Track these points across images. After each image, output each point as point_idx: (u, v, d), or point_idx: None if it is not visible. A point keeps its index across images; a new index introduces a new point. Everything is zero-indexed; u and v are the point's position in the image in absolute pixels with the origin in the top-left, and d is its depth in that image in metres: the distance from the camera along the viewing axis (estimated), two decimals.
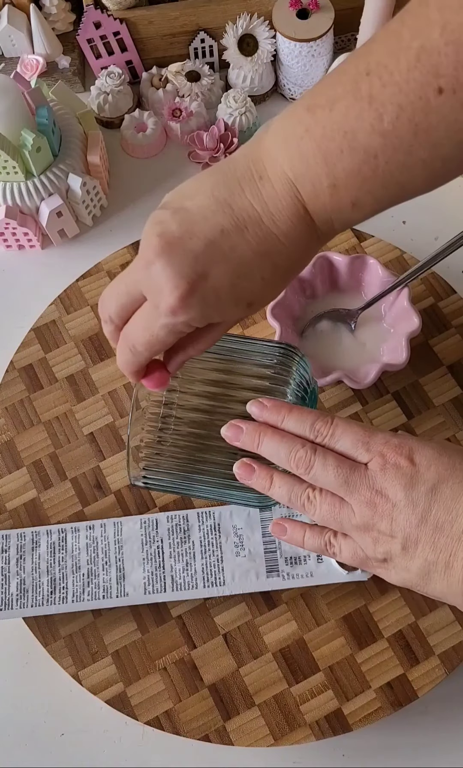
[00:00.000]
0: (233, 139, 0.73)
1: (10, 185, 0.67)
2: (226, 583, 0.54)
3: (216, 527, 0.57)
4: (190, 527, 0.57)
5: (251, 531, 0.56)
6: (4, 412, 0.65)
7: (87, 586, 0.55)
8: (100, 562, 0.56)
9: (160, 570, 0.55)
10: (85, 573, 0.56)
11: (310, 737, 0.55)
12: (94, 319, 0.68)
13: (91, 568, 0.56)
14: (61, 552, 0.57)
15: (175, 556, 0.56)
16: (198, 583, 0.55)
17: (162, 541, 0.57)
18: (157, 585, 0.55)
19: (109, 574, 0.56)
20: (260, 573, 0.54)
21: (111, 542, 0.57)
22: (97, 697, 0.56)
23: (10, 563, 0.57)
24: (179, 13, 0.73)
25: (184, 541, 0.56)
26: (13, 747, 0.57)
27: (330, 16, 0.71)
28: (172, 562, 0.56)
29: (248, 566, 0.55)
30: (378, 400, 0.64)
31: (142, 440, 0.52)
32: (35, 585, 0.56)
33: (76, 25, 0.78)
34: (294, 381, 0.52)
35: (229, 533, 0.56)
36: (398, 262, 0.69)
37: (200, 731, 0.55)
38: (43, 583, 0.56)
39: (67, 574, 0.56)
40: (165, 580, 0.55)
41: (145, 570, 0.56)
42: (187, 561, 0.55)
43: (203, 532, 0.57)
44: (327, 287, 0.66)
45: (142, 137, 0.74)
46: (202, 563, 0.55)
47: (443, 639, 0.56)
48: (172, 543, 0.57)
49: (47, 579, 0.56)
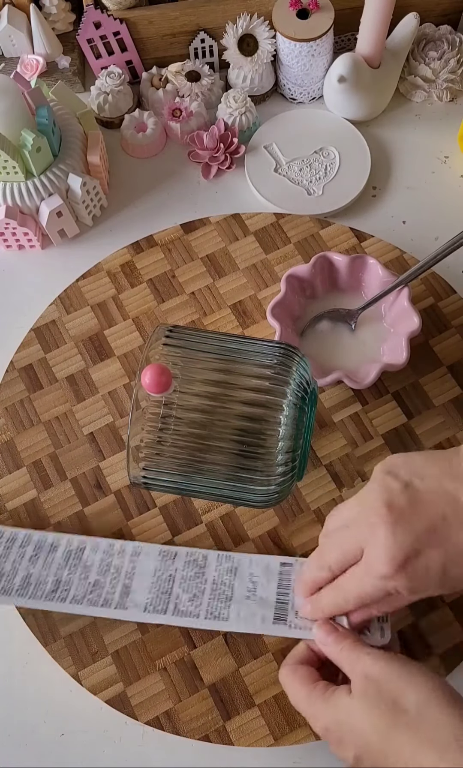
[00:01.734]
0: (232, 139, 0.73)
1: (10, 185, 0.67)
2: (229, 619, 0.52)
3: (233, 570, 0.55)
4: (208, 565, 0.56)
5: (266, 580, 0.54)
6: (4, 412, 0.65)
7: (89, 594, 0.54)
8: (109, 575, 0.55)
9: (165, 595, 0.54)
10: (92, 582, 0.55)
11: (310, 737, 0.55)
12: (95, 319, 0.68)
13: (98, 579, 0.55)
14: (76, 560, 0.57)
15: (185, 586, 0.54)
16: (200, 614, 0.52)
17: (176, 571, 0.55)
18: (158, 607, 0.53)
19: (115, 588, 0.54)
20: (267, 618, 0.51)
21: (126, 561, 0.56)
22: (97, 697, 0.56)
23: (24, 558, 0.57)
24: (179, 13, 0.73)
25: (198, 575, 0.55)
26: (13, 747, 0.57)
27: (330, 16, 0.71)
28: (180, 591, 0.54)
29: (255, 609, 0.52)
30: (378, 400, 0.64)
31: (142, 440, 0.52)
32: (39, 581, 0.55)
33: (76, 25, 0.78)
34: (294, 381, 0.52)
35: (244, 578, 0.54)
36: (398, 262, 0.69)
37: (200, 731, 0.55)
38: (47, 582, 0.55)
39: (73, 578, 0.55)
40: (168, 605, 0.53)
41: (151, 591, 0.54)
42: (195, 593, 0.54)
43: (219, 572, 0.55)
44: (327, 287, 0.66)
45: (142, 137, 0.74)
46: (210, 597, 0.53)
47: (443, 639, 0.56)
48: (185, 575, 0.55)
49: (53, 579, 0.55)
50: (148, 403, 0.52)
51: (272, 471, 0.51)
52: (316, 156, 0.74)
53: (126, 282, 0.70)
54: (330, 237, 0.70)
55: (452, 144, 0.75)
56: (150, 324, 0.68)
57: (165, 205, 0.74)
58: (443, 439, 0.63)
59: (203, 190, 0.75)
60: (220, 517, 0.61)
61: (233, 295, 0.69)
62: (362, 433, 0.63)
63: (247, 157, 0.75)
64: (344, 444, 0.63)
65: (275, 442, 0.51)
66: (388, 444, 0.63)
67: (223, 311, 0.68)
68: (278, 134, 0.75)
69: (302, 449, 0.52)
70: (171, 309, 0.68)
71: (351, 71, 0.70)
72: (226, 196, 0.74)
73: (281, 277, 0.64)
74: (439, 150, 0.75)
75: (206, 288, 0.69)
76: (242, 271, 0.69)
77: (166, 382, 0.49)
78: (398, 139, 0.76)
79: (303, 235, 0.70)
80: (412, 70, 0.77)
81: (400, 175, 0.75)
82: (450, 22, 0.78)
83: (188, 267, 0.70)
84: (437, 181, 0.74)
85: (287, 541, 0.60)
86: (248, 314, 0.68)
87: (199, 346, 0.53)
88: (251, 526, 0.61)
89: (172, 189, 0.75)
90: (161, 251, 0.71)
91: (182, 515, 0.61)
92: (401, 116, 0.77)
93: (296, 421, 0.51)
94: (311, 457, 0.62)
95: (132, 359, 0.67)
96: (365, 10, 0.68)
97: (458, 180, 0.74)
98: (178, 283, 0.69)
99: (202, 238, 0.71)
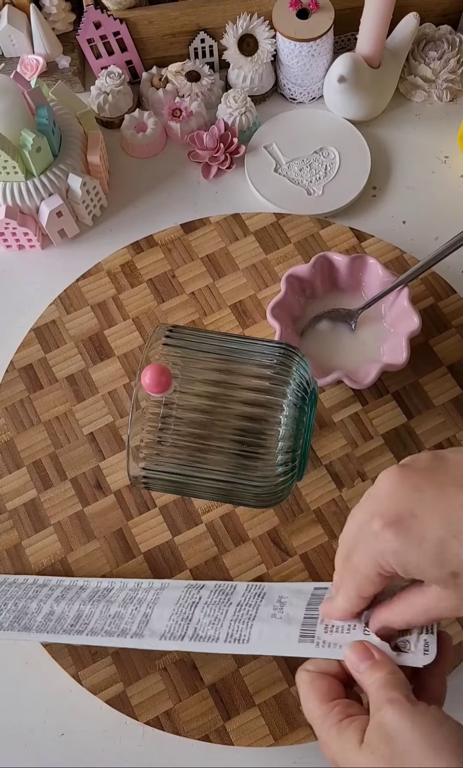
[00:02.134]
0: (232, 139, 0.73)
1: (10, 185, 0.67)
2: (250, 641, 0.46)
3: (261, 594, 0.51)
4: (235, 593, 0.52)
5: (296, 599, 0.48)
6: (4, 412, 0.65)
7: (108, 625, 0.52)
8: (130, 607, 0.53)
9: (185, 621, 0.50)
10: (112, 614, 0.53)
11: (310, 737, 0.55)
12: (95, 319, 0.68)
13: (119, 611, 0.53)
14: (101, 597, 0.55)
15: (207, 611, 0.50)
16: (220, 637, 0.47)
17: (200, 599, 0.52)
18: (176, 633, 0.49)
19: (135, 617, 0.52)
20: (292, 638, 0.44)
21: (150, 594, 0.55)
22: (97, 697, 0.56)
23: (50, 598, 0.56)
24: (179, 13, 0.73)
25: (222, 602, 0.51)
26: (13, 747, 0.57)
27: (330, 16, 0.71)
28: (201, 615, 0.50)
29: (279, 628, 0.46)
30: (378, 400, 0.64)
31: (142, 440, 0.52)
32: (61, 617, 0.54)
33: (76, 25, 0.78)
34: (294, 381, 0.52)
35: (272, 599, 0.49)
36: (398, 262, 0.69)
37: (200, 731, 0.55)
38: (68, 617, 0.54)
39: (95, 612, 0.53)
40: (186, 630, 0.49)
41: (171, 619, 0.51)
42: (217, 617, 0.49)
43: (246, 597, 0.51)
44: (327, 287, 0.66)
45: (142, 137, 0.74)
46: (233, 619, 0.48)
47: None
48: (209, 601, 0.52)
49: (74, 614, 0.54)
50: (148, 403, 0.52)
51: (272, 471, 0.51)
52: (316, 156, 0.74)
53: (126, 282, 0.70)
54: (330, 237, 0.70)
55: (452, 144, 0.75)
56: (150, 324, 0.68)
57: (165, 205, 0.74)
58: (443, 439, 0.63)
59: (203, 190, 0.75)
60: (220, 517, 0.61)
61: (232, 295, 0.69)
62: (362, 433, 0.63)
63: (247, 157, 0.75)
64: (344, 444, 0.63)
65: (275, 442, 0.51)
66: (388, 444, 0.63)
67: (223, 311, 0.68)
68: (278, 134, 0.75)
69: (302, 449, 0.52)
70: (171, 309, 0.68)
71: (351, 71, 0.70)
72: (226, 196, 0.74)
73: (281, 277, 0.64)
74: (439, 150, 0.75)
75: (206, 288, 0.69)
76: (242, 271, 0.69)
77: (166, 382, 0.49)
78: (398, 139, 0.76)
79: (303, 235, 0.70)
80: (412, 70, 0.77)
81: (400, 175, 0.75)
82: (450, 22, 0.78)
83: (188, 267, 0.70)
84: (437, 181, 0.74)
85: (287, 541, 0.60)
86: (248, 314, 0.68)
87: (199, 346, 0.53)
88: (250, 526, 0.61)
89: (172, 189, 0.75)
90: (161, 251, 0.71)
91: (182, 515, 0.61)
92: (401, 116, 0.77)
93: (296, 421, 0.51)
94: (311, 457, 0.62)
95: (132, 359, 0.67)
96: (365, 10, 0.68)
97: (458, 180, 0.74)
98: (178, 283, 0.69)
99: (202, 238, 0.71)
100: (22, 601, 0.55)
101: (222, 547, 0.60)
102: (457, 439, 0.63)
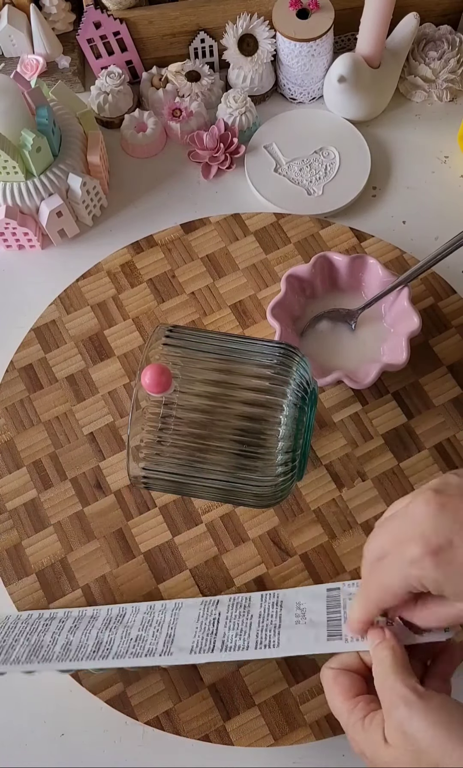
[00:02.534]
0: (232, 139, 0.73)
1: (10, 185, 0.67)
2: (280, 645, 0.47)
3: (279, 603, 0.51)
4: (252, 604, 0.52)
5: (314, 604, 0.49)
6: (4, 412, 0.65)
7: (132, 648, 0.51)
8: (151, 629, 0.53)
9: (210, 636, 0.50)
10: (134, 638, 0.52)
11: (310, 737, 0.55)
12: (95, 319, 0.68)
13: (140, 635, 0.52)
14: (116, 623, 0.55)
15: (231, 625, 0.51)
16: (250, 646, 0.48)
17: (219, 615, 0.52)
18: (205, 647, 0.49)
19: (158, 639, 0.52)
20: (320, 638, 0.46)
21: (167, 615, 0.54)
22: (97, 697, 0.56)
23: (63, 630, 0.55)
24: (179, 13, 0.73)
25: (242, 614, 0.51)
26: (13, 747, 0.57)
27: (330, 16, 0.71)
28: (226, 630, 0.50)
29: (306, 631, 0.47)
30: (378, 400, 0.64)
31: (142, 440, 0.52)
32: (80, 646, 0.53)
33: (76, 25, 0.78)
34: (294, 381, 0.52)
35: (291, 608, 0.50)
36: (398, 262, 0.69)
37: (200, 731, 0.55)
38: (88, 645, 0.53)
39: (114, 638, 0.53)
40: (214, 643, 0.50)
41: (196, 635, 0.51)
42: (242, 629, 0.50)
43: (264, 608, 0.51)
44: (327, 287, 0.66)
45: (142, 137, 0.74)
46: (259, 629, 0.49)
47: None
48: (229, 616, 0.52)
49: (94, 642, 0.53)
50: (148, 403, 0.52)
51: (272, 471, 0.51)
52: (316, 156, 0.74)
53: (126, 282, 0.70)
54: (330, 237, 0.70)
55: (452, 144, 0.75)
56: (150, 324, 0.68)
57: (165, 205, 0.74)
58: (443, 439, 0.63)
59: (203, 190, 0.75)
60: (220, 517, 0.61)
61: (232, 295, 0.69)
62: (362, 433, 0.63)
63: (247, 157, 0.75)
64: (344, 444, 0.63)
65: (275, 442, 0.51)
66: (388, 444, 0.63)
67: (223, 311, 0.68)
68: (278, 134, 0.75)
69: (302, 449, 0.52)
70: (171, 309, 0.68)
71: (351, 71, 0.70)
72: (226, 196, 0.74)
73: (281, 277, 0.64)
74: (439, 150, 0.75)
75: (206, 288, 0.69)
76: (242, 271, 0.69)
77: (166, 382, 0.49)
78: (398, 139, 0.76)
79: (303, 235, 0.70)
80: (412, 70, 0.77)
81: (400, 175, 0.75)
82: (450, 22, 0.78)
83: (188, 267, 0.70)
84: (437, 181, 0.74)
85: (287, 541, 0.60)
86: (248, 314, 0.68)
87: (200, 346, 0.53)
88: (251, 526, 0.61)
89: (172, 189, 0.75)
90: (161, 251, 0.71)
91: (182, 515, 0.61)
92: (401, 116, 0.77)
93: (296, 421, 0.51)
94: (311, 457, 0.62)
95: (132, 359, 0.67)
96: (365, 10, 0.68)
97: (458, 180, 0.74)
98: (178, 283, 0.69)
99: (202, 238, 0.71)
100: (33, 635, 0.55)
101: (222, 547, 0.60)
102: (457, 439, 0.63)
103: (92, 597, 0.59)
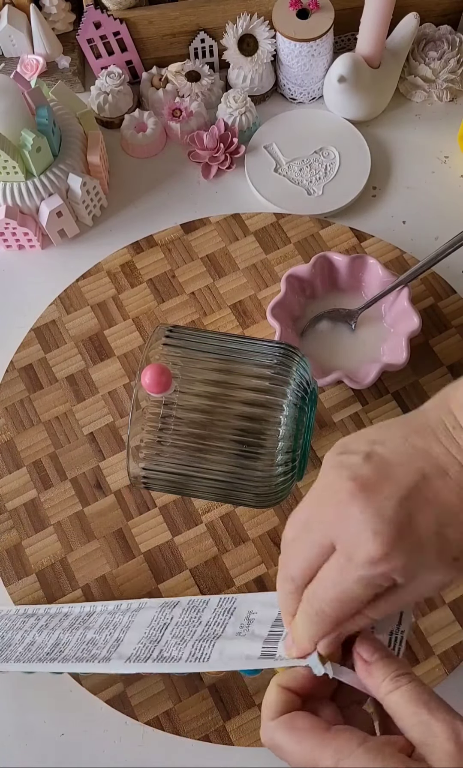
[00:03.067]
0: (232, 139, 0.73)
1: (10, 185, 0.67)
2: (210, 659, 0.44)
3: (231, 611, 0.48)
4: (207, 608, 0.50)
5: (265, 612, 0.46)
6: (4, 412, 0.65)
7: (81, 652, 0.50)
8: (105, 632, 0.52)
9: (153, 643, 0.48)
10: (88, 640, 0.51)
11: None
12: (95, 319, 0.68)
13: (94, 637, 0.51)
14: (81, 623, 0.54)
15: (176, 632, 0.49)
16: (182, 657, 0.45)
17: (171, 619, 0.50)
18: (141, 656, 0.47)
19: (107, 643, 0.50)
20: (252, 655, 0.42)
21: (126, 617, 0.52)
22: (97, 697, 0.56)
23: (34, 628, 0.55)
24: (179, 13, 0.73)
25: (193, 619, 0.49)
26: (13, 747, 0.57)
27: (330, 16, 0.71)
28: (170, 637, 0.48)
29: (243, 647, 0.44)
30: (378, 400, 0.64)
31: (142, 440, 0.52)
32: (41, 646, 0.52)
33: (76, 25, 0.78)
34: (294, 381, 0.52)
35: (241, 616, 0.47)
36: (398, 262, 0.69)
37: (200, 731, 0.55)
38: (46, 645, 0.52)
39: (71, 639, 0.52)
40: (152, 652, 0.47)
41: (141, 642, 0.49)
42: (183, 638, 0.47)
43: (216, 614, 0.49)
44: (327, 287, 0.66)
45: (142, 137, 0.74)
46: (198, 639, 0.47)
47: (443, 639, 0.56)
48: (180, 621, 0.50)
49: (52, 642, 0.52)
50: (148, 403, 0.52)
51: (272, 471, 0.51)
52: (316, 156, 0.74)
53: (126, 282, 0.70)
54: (330, 237, 0.70)
55: (452, 144, 0.75)
56: (150, 324, 0.68)
57: (165, 205, 0.74)
58: None
59: (203, 190, 0.75)
60: (220, 517, 0.61)
61: (232, 295, 0.69)
62: None
63: (247, 157, 0.75)
64: None
65: (275, 442, 0.51)
66: None
67: (223, 311, 0.68)
68: (278, 134, 0.75)
69: (302, 449, 0.52)
70: (171, 309, 0.68)
71: (351, 71, 0.70)
72: (226, 196, 0.74)
73: (281, 277, 0.64)
74: (439, 150, 0.75)
75: (206, 288, 0.69)
76: (242, 271, 0.69)
77: (166, 382, 0.49)
78: (398, 139, 0.76)
79: (303, 235, 0.70)
80: (412, 70, 0.77)
81: (400, 175, 0.75)
82: (450, 22, 0.78)
83: (188, 267, 0.70)
84: (437, 181, 0.74)
85: None
86: (248, 314, 0.68)
87: (199, 346, 0.53)
88: (250, 526, 0.61)
89: (172, 189, 0.75)
90: (161, 251, 0.71)
91: (182, 515, 0.61)
92: (401, 116, 0.77)
93: (296, 421, 0.51)
94: (311, 457, 0.62)
95: (132, 359, 0.67)
96: (365, 10, 0.68)
97: (458, 180, 0.74)
98: (178, 283, 0.69)
99: (202, 238, 0.71)
100: (9, 633, 0.55)
101: (222, 547, 0.60)
102: None
103: (92, 597, 0.59)
